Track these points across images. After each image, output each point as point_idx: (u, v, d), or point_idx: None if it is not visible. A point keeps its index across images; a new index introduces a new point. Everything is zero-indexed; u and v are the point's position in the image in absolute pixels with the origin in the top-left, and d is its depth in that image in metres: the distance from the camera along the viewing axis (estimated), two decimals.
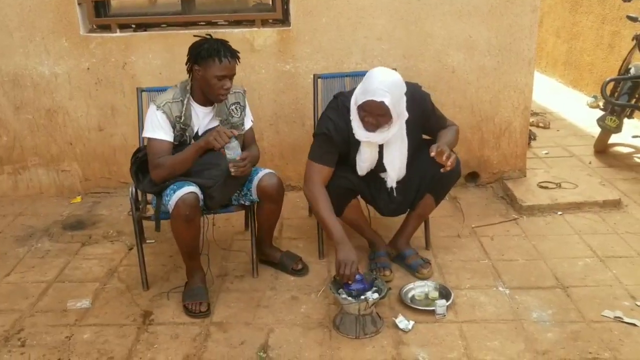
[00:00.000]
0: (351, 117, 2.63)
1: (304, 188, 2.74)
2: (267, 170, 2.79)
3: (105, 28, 3.79)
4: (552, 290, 2.75)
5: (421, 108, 2.72)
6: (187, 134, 2.68)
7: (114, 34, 3.74)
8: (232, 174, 2.56)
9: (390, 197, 2.85)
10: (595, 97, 5.92)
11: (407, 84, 2.63)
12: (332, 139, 2.67)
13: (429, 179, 2.78)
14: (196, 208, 2.54)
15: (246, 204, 2.85)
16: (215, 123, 2.74)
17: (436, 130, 2.79)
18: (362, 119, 2.58)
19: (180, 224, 2.55)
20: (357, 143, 2.68)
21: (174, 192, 2.52)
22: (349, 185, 2.78)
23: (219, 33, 3.65)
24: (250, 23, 3.79)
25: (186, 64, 2.66)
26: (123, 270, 3.04)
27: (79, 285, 2.92)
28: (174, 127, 2.64)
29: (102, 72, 3.78)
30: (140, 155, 2.75)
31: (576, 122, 5.47)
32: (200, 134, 2.72)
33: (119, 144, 3.93)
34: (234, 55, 2.61)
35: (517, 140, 3.92)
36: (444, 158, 2.49)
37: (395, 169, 2.75)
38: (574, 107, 5.97)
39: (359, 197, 2.90)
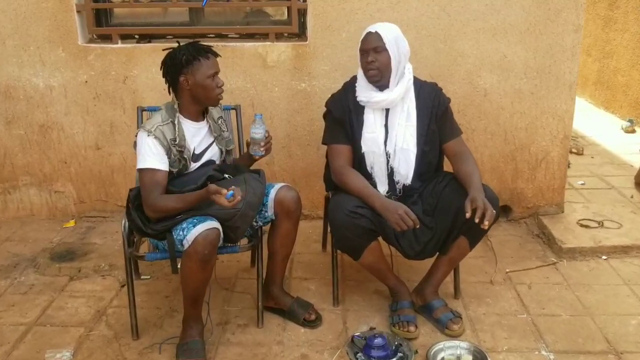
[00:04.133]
0: (357, 83, 2.62)
1: (333, 178, 2.63)
2: (283, 184, 2.57)
3: (106, 38, 3.49)
4: (603, 356, 2.37)
5: (435, 99, 2.62)
6: (185, 156, 2.40)
7: (115, 45, 3.44)
8: (262, 155, 2.51)
9: (416, 236, 2.50)
10: (631, 121, 5.54)
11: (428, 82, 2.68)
12: (332, 112, 2.65)
13: (463, 219, 2.40)
14: (215, 247, 2.24)
15: (259, 224, 2.55)
16: (210, 140, 2.53)
17: (446, 138, 2.62)
18: (364, 68, 2.54)
19: (194, 264, 2.21)
20: (360, 114, 2.60)
21: (194, 227, 2.20)
22: (369, 225, 2.44)
23: (229, 47, 3.36)
24: (264, 37, 3.48)
25: (166, 82, 2.42)
26: (112, 313, 2.70)
27: (62, 330, 2.58)
28: (168, 152, 2.34)
29: (101, 86, 3.47)
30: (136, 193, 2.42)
31: (611, 148, 5.08)
32: (197, 152, 2.46)
33: (117, 164, 3.61)
34: (212, 50, 2.44)
35: (554, 173, 3.55)
36: (479, 215, 2.27)
37: (402, 154, 2.57)
38: (608, 131, 5.58)
39: (379, 238, 2.55)
